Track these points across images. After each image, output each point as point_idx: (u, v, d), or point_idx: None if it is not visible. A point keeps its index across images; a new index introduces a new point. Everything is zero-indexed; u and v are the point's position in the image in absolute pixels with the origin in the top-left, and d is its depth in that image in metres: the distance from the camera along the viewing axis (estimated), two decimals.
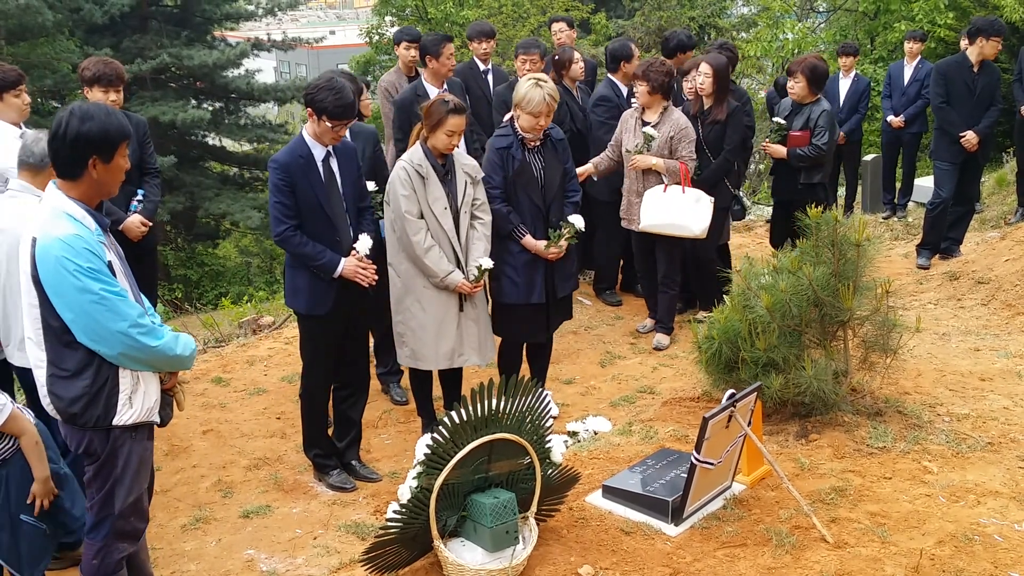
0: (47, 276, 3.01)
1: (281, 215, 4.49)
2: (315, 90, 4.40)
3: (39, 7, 17.46)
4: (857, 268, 4.33)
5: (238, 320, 8.04)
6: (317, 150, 4.51)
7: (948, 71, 7.77)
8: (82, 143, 3.04)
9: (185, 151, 20.77)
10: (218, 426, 5.61)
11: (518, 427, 3.46)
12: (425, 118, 4.82)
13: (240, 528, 4.50)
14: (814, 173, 6.55)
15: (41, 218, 3.08)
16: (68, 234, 3.01)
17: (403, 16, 22.49)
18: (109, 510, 3.26)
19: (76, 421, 3.12)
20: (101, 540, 3.28)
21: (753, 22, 20.00)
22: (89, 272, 3.01)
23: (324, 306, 4.61)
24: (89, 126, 3.04)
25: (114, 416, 3.14)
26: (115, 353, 3.09)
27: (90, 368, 3.09)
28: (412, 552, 3.45)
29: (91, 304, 3.01)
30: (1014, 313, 6.21)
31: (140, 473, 3.30)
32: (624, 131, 6.38)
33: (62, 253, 2.99)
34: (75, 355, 3.08)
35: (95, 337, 3.05)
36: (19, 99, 4.89)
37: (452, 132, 4.77)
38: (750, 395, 3.81)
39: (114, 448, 3.19)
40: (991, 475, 3.98)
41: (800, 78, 6.44)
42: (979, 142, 7.61)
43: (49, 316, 3.06)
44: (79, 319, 3.03)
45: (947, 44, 14.32)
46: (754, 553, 3.50)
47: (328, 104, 4.36)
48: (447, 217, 4.86)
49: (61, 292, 3.01)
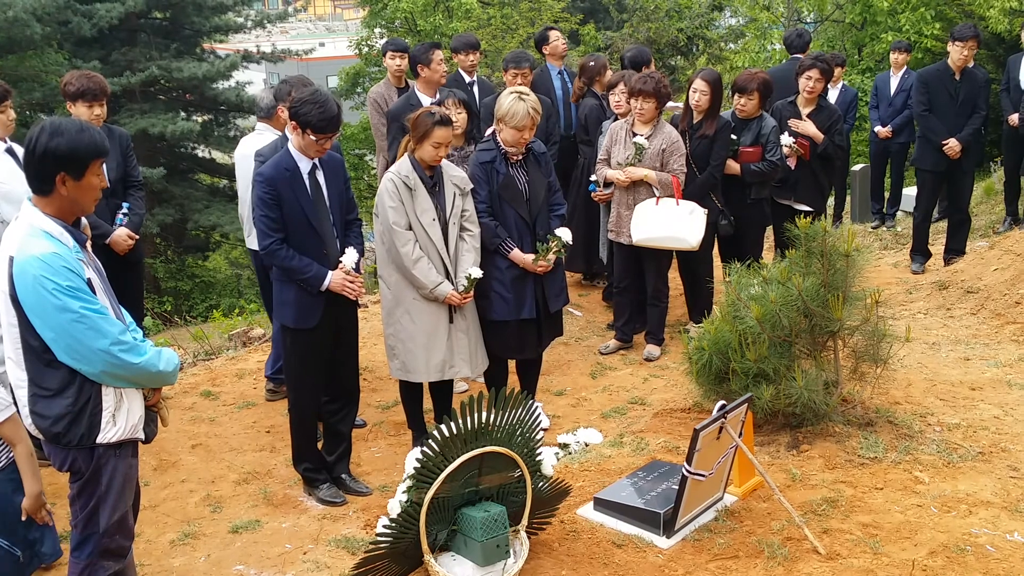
0: (25, 295, 2.97)
1: (267, 228, 4.47)
2: (299, 104, 4.37)
3: (27, 20, 17.43)
4: (847, 278, 4.33)
5: (228, 332, 8.00)
6: (303, 163, 4.49)
7: (930, 79, 7.81)
8: (50, 159, 2.98)
9: (174, 163, 20.73)
10: (207, 440, 5.57)
11: (508, 440, 3.45)
12: (412, 130, 4.81)
13: (229, 543, 4.46)
14: (762, 188, 6.62)
15: (17, 236, 3.02)
16: (45, 252, 2.96)
17: (392, 28, 22.57)
18: (94, 528, 3.22)
19: (59, 440, 3.09)
20: (86, 559, 3.24)
21: (741, 33, 20.13)
22: (68, 291, 2.96)
23: (312, 319, 4.59)
24: (57, 142, 2.97)
25: (98, 434, 3.10)
26: (97, 371, 3.06)
27: (72, 386, 3.05)
28: (402, 567, 3.43)
29: (71, 323, 2.96)
30: (1003, 322, 6.23)
31: (125, 491, 3.27)
32: (614, 143, 6.38)
33: (40, 272, 2.94)
34: (56, 374, 3.04)
35: (76, 356, 3.01)
36: (4, 115, 4.86)
37: (439, 144, 4.76)
38: (741, 406, 3.81)
39: (98, 466, 3.15)
40: (982, 485, 3.98)
41: (755, 95, 6.46)
42: (962, 149, 7.65)
43: (28, 335, 3.02)
44: (60, 338, 2.99)
45: (934, 55, 14.43)
46: (746, 565, 3.49)
47: (312, 118, 4.34)
48: (435, 228, 4.85)
49: (40, 311, 2.97)
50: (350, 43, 23.40)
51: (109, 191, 4.33)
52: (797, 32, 9.15)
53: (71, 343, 2.99)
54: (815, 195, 6.92)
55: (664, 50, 18.48)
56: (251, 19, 22.53)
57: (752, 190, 6.58)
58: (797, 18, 19.42)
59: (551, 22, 17.94)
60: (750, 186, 6.56)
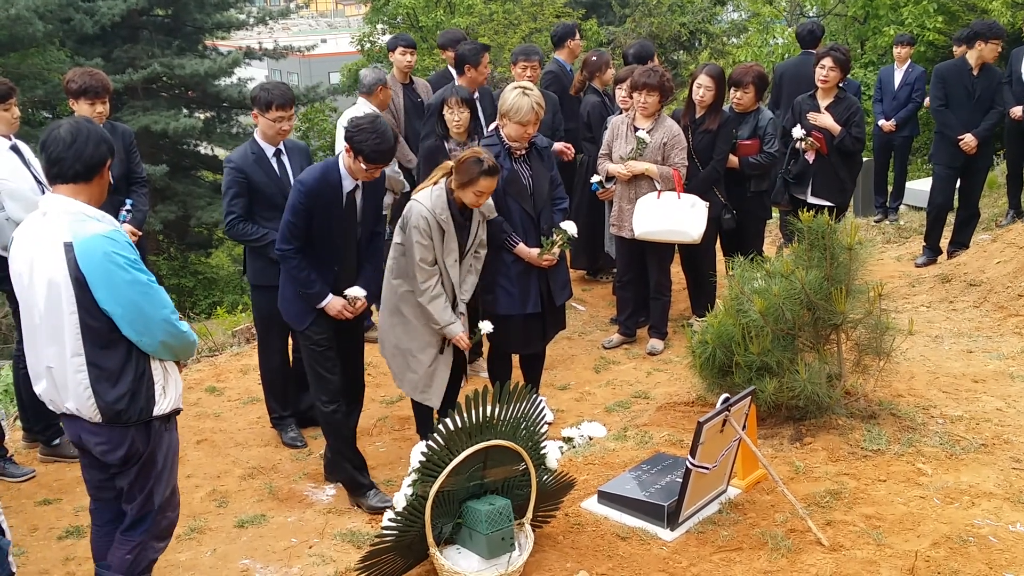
0: (94, 273, 3.06)
1: (288, 233, 4.46)
2: (356, 130, 4.31)
3: (30, 18, 17.45)
4: (849, 272, 4.34)
5: (232, 329, 8.02)
6: (347, 181, 4.47)
7: (947, 74, 7.78)
8: (105, 146, 3.19)
9: (177, 160, 20.74)
10: (212, 436, 5.59)
11: (513, 433, 3.46)
12: (456, 172, 4.66)
13: (235, 538, 4.48)
14: (762, 181, 6.61)
15: (62, 223, 3.10)
16: (108, 230, 3.11)
17: (394, 24, 22.56)
18: (149, 507, 3.37)
19: (120, 418, 3.19)
20: (139, 536, 3.39)
21: (743, 28, 20.11)
22: (135, 264, 3.11)
23: (302, 323, 4.64)
24: (104, 131, 3.21)
25: (153, 407, 3.23)
26: (156, 342, 3.18)
27: (130, 363, 3.18)
28: (408, 560, 3.45)
29: (140, 295, 3.10)
30: (1006, 315, 6.23)
31: (174, 464, 3.44)
32: (615, 137, 6.38)
33: (109, 248, 3.07)
34: (115, 353, 3.15)
35: (140, 328, 3.13)
36: (9, 112, 4.87)
37: (481, 192, 4.66)
38: (744, 399, 3.81)
39: (155, 444, 3.30)
40: (985, 476, 3.99)
41: (751, 88, 6.45)
42: (978, 145, 7.63)
43: (89, 317, 3.10)
44: (127, 312, 3.10)
45: (936, 48, 14.39)
46: (750, 557, 3.51)
47: (366, 148, 4.29)
48: (455, 267, 4.80)
49: (110, 287, 3.07)
50: (352, 39, 23.41)
51: (112, 188, 4.35)
52: (808, 28, 9.07)
53: (137, 315, 3.11)
54: (833, 190, 6.79)
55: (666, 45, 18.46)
56: (253, 16, 22.55)
57: (751, 183, 6.58)
58: (800, 12, 19.39)
59: (553, 17, 17.94)
60: (750, 179, 6.56)
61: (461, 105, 5.67)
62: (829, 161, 6.75)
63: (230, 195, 5.13)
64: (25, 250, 3.18)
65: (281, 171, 5.12)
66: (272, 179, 5.10)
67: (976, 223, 8.24)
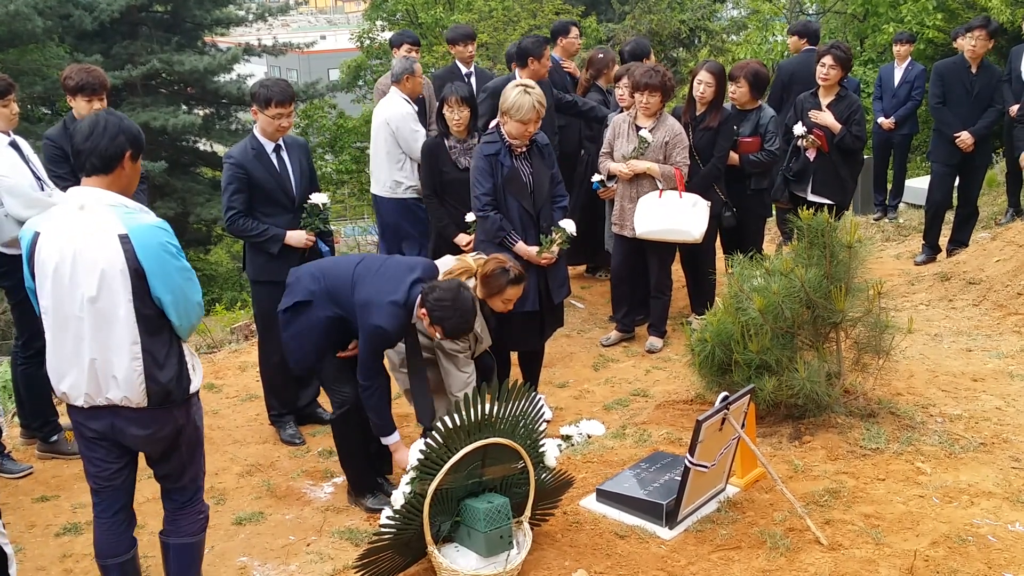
0: (151, 262, 3.14)
1: (371, 369, 4.39)
2: (438, 305, 4.14)
3: (29, 14, 17.41)
4: (849, 270, 4.33)
5: (230, 326, 8.02)
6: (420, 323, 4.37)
7: (946, 72, 7.78)
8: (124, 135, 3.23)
9: (176, 157, 20.70)
10: (210, 433, 5.58)
11: (511, 431, 3.46)
12: (482, 283, 4.57)
13: (233, 535, 4.48)
14: (762, 179, 6.61)
15: (108, 215, 3.13)
16: (157, 221, 3.21)
17: (394, 21, 22.54)
18: (201, 471, 3.56)
19: (170, 398, 3.28)
20: (199, 503, 3.57)
21: (743, 25, 20.08)
22: (182, 252, 3.25)
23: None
24: (130, 123, 3.26)
25: (190, 385, 3.34)
26: (190, 325, 3.30)
27: (172, 347, 3.28)
28: (406, 558, 3.45)
29: (187, 280, 3.23)
30: (1005, 313, 6.23)
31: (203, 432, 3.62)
32: (617, 136, 6.36)
33: (164, 238, 3.18)
34: (162, 339, 3.24)
35: (183, 313, 3.24)
36: (8, 108, 4.85)
37: (509, 300, 4.62)
38: (743, 397, 3.81)
39: (196, 418, 3.43)
40: (984, 476, 3.99)
41: (743, 83, 6.45)
42: (975, 143, 7.63)
43: (143, 306, 3.17)
44: (177, 299, 3.20)
45: (936, 45, 14.39)
46: (748, 556, 3.50)
47: (447, 326, 4.17)
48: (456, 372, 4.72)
49: (164, 275, 3.16)
50: (351, 36, 23.36)
51: None
52: (803, 24, 9.10)
53: (183, 301, 3.22)
54: (834, 188, 6.77)
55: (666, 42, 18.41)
56: (252, 12, 22.53)
57: (752, 181, 6.58)
58: (799, 10, 19.38)
59: (553, 14, 17.91)
60: (750, 177, 6.56)
61: (461, 104, 5.69)
62: (830, 159, 6.73)
63: (230, 191, 5.14)
64: (63, 243, 3.13)
65: (281, 167, 5.13)
66: (272, 175, 5.11)
67: (975, 221, 8.24)
